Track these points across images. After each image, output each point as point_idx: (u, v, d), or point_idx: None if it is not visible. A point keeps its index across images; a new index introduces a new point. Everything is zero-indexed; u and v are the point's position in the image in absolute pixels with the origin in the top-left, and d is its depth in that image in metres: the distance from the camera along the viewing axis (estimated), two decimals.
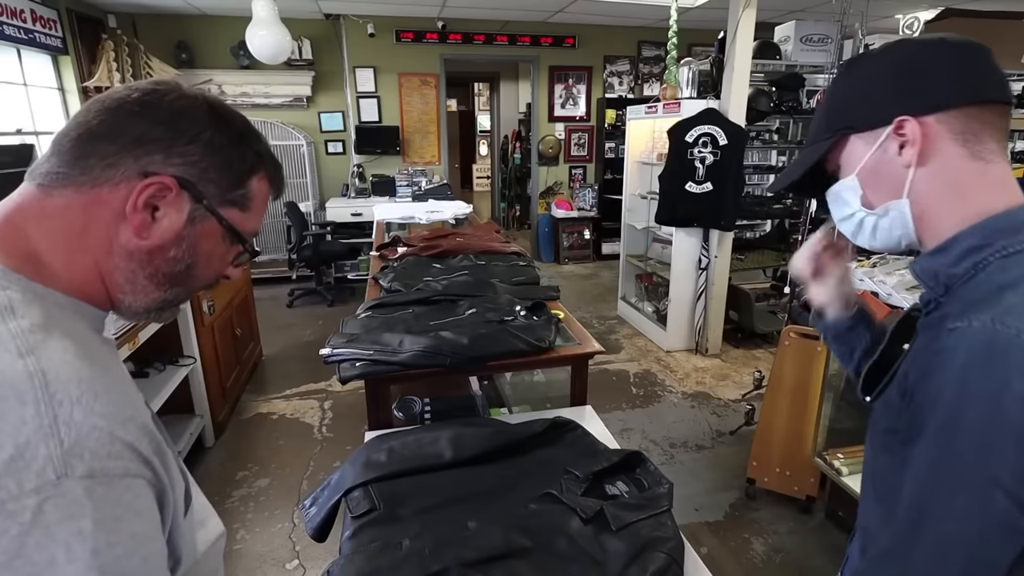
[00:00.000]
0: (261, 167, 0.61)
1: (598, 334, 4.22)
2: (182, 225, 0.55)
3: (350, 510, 1.01)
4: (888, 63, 0.64)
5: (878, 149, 0.64)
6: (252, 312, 3.67)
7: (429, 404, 1.61)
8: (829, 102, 0.71)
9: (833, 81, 0.72)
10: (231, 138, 0.58)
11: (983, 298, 0.55)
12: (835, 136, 0.68)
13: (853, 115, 0.66)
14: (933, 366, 0.55)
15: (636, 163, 4.43)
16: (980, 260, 0.58)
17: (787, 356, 2.32)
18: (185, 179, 0.54)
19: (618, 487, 1.07)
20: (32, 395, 0.40)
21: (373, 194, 5.57)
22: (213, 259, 0.60)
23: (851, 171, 0.68)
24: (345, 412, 3.11)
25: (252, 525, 2.22)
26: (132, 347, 2.05)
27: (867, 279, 2.07)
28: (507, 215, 8.54)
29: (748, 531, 2.23)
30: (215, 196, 0.57)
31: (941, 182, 0.62)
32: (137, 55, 4.84)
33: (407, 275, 1.98)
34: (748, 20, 3.37)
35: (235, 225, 0.59)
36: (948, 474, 0.51)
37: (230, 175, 0.58)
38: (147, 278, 0.55)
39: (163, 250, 0.55)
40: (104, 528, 0.39)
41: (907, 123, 0.61)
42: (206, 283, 0.62)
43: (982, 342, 0.51)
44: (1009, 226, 0.58)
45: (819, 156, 0.70)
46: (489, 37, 5.90)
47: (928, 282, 0.64)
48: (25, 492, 0.37)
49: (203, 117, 0.56)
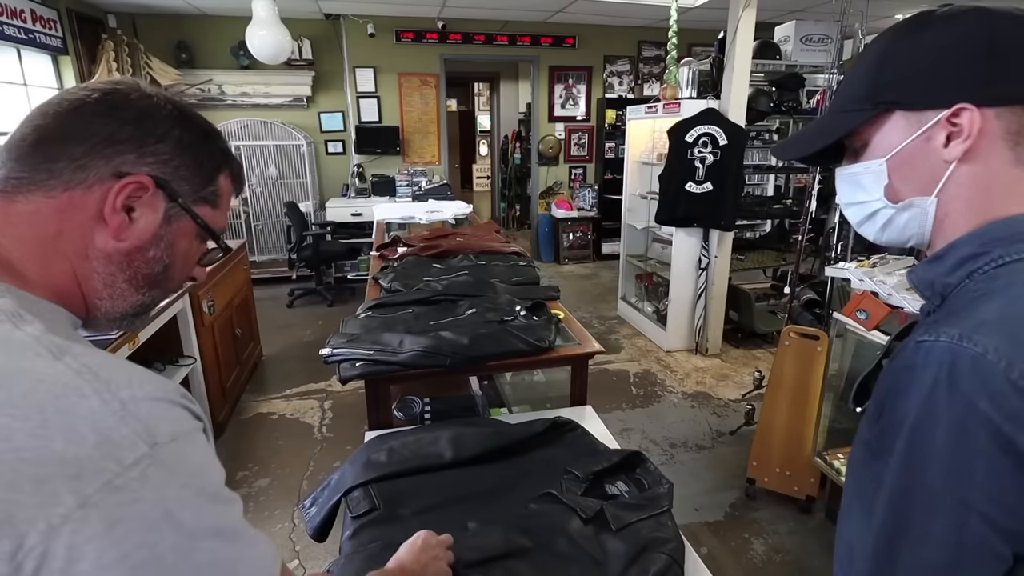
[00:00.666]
0: (226, 164, 0.62)
1: (598, 334, 4.22)
2: (158, 225, 0.55)
3: (350, 510, 1.01)
4: (961, 34, 0.54)
5: (921, 136, 0.56)
6: (252, 312, 3.67)
7: (429, 404, 1.60)
8: (877, 66, 0.58)
9: (887, 40, 0.59)
10: (198, 136, 0.58)
11: (959, 310, 0.52)
12: (876, 109, 0.58)
13: (906, 89, 0.56)
14: (901, 382, 0.52)
15: (636, 163, 4.43)
16: (975, 269, 0.54)
17: (787, 356, 2.32)
18: (160, 178, 0.54)
19: (618, 487, 1.07)
20: (90, 387, 0.41)
21: (373, 194, 5.57)
22: (188, 258, 0.60)
23: (881, 154, 0.59)
24: (345, 412, 3.11)
25: (252, 525, 2.22)
26: (132, 347, 2.05)
27: (867, 279, 2.07)
28: (507, 215, 8.54)
29: (748, 531, 2.23)
30: (188, 194, 0.57)
31: (977, 186, 0.55)
32: (137, 55, 4.84)
33: (407, 275, 1.98)
34: (748, 20, 3.37)
35: (208, 222, 0.59)
36: (921, 499, 0.49)
37: (200, 172, 0.58)
38: (126, 281, 0.55)
39: (142, 251, 0.55)
40: (200, 474, 0.45)
41: (965, 112, 0.53)
42: (179, 285, 0.62)
43: (949, 360, 0.48)
44: (1009, 235, 0.54)
45: (851, 129, 0.60)
46: (489, 37, 5.90)
47: (924, 292, 0.60)
48: (126, 467, 0.39)
49: (169, 116, 0.56)
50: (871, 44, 0.62)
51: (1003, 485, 0.46)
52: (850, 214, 0.65)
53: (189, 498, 0.43)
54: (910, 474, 0.50)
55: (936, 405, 0.48)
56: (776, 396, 2.35)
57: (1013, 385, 0.45)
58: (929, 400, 0.49)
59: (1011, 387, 0.45)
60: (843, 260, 2.91)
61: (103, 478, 0.38)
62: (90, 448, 0.39)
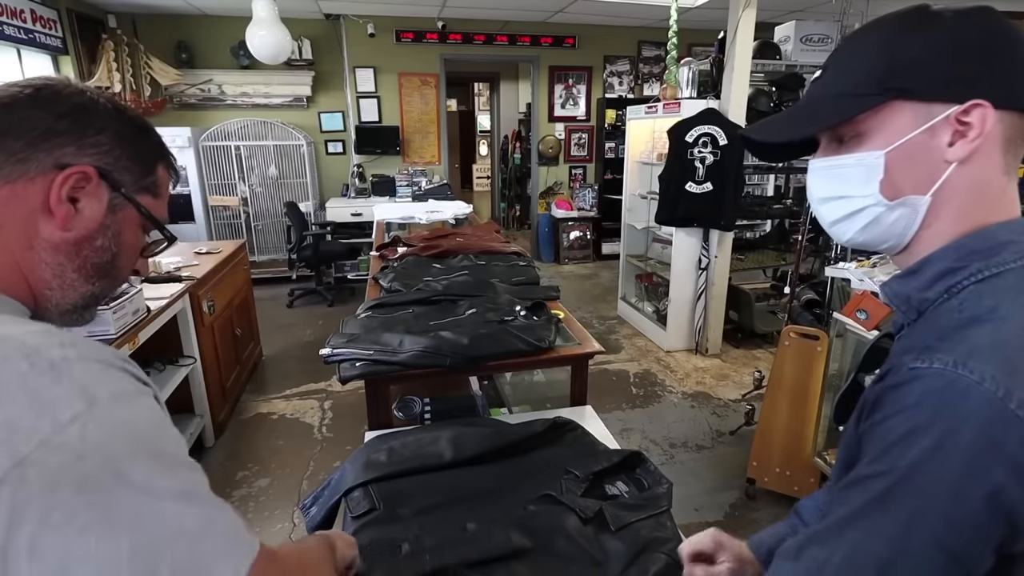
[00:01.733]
0: (163, 156, 0.63)
1: (598, 334, 4.22)
2: (104, 214, 0.56)
3: (350, 510, 1.01)
4: (979, 30, 0.52)
5: (925, 130, 0.53)
6: (252, 312, 3.67)
7: (429, 404, 1.60)
8: (886, 51, 0.54)
9: (892, 27, 0.55)
10: (135, 129, 0.59)
11: (950, 333, 0.50)
12: (885, 96, 0.54)
13: (920, 77, 0.52)
14: (886, 402, 0.50)
15: (636, 163, 4.43)
16: (954, 284, 0.53)
17: (787, 356, 2.32)
18: (103, 168, 0.55)
19: (618, 487, 1.07)
20: (16, 352, 0.42)
21: (373, 194, 5.57)
22: (133, 249, 0.62)
23: (881, 146, 0.55)
24: (345, 412, 3.11)
25: (252, 525, 2.22)
26: (132, 347, 2.05)
27: (867, 279, 2.07)
28: (507, 215, 8.54)
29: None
30: (131, 184, 0.58)
31: (971, 189, 0.53)
32: (137, 55, 4.85)
33: (407, 275, 1.98)
34: (748, 20, 3.37)
35: (151, 211, 0.61)
36: (894, 529, 0.47)
37: (140, 163, 0.59)
38: (76, 271, 0.56)
39: (90, 240, 0.56)
40: (153, 438, 0.45)
41: (978, 110, 0.51)
42: (127, 276, 0.63)
43: (940, 386, 0.46)
44: (985, 247, 0.52)
45: (853, 114, 0.55)
46: (489, 37, 5.90)
47: (900, 307, 0.59)
48: (62, 425, 0.39)
49: (104, 110, 0.57)
50: (867, 29, 0.58)
51: (983, 536, 0.45)
52: (825, 211, 0.61)
53: (143, 459, 0.42)
54: (888, 502, 0.48)
55: (918, 432, 0.47)
56: (776, 396, 2.35)
57: (1013, 415, 0.44)
58: (913, 429, 0.47)
59: (1012, 417, 0.44)
60: (843, 260, 2.91)
61: (38, 437, 0.38)
62: (23, 409, 0.39)
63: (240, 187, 5.25)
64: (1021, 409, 0.44)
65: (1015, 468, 0.44)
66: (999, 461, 0.44)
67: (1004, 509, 0.44)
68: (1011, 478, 0.44)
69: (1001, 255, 0.52)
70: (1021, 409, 0.44)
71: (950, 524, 0.45)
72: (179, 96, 5.29)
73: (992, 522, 0.45)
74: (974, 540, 0.45)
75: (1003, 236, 0.53)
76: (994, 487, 0.44)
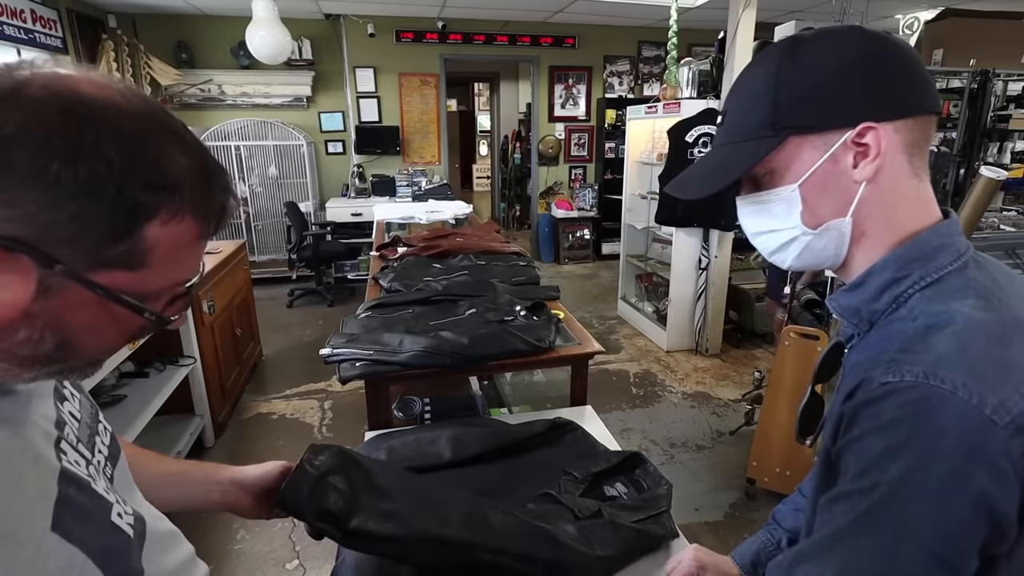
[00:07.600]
0: (166, 203, 0.42)
1: (598, 334, 4.22)
2: (28, 301, 0.40)
3: None
4: (856, 52, 0.53)
5: (828, 158, 0.55)
6: (252, 312, 3.67)
7: (429, 404, 1.60)
8: (771, 91, 0.56)
9: (768, 66, 0.57)
10: (106, 166, 0.38)
11: (911, 343, 0.51)
12: (780, 136, 0.56)
13: (809, 112, 0.55)
14: (862, 419, 0.51)
15: (636, 163, 4.43)
16: (900, 294, 0.55)
17: (787, 356, 2.32)
18: (13, 240, 0.37)
19: (617, 488, 1.07)
20: None
21: (373, 194, 5.57)
22: (102, 329, 0.45)
23: (791, 180, 0.57)
24: (345, 412, 3.11)
25: (252, 525, 2.22)
26: (132, 347, 2.05)
27: None
28: (507, 215, 8.54)
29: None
30: (80, 258, 0.40)
31: (886, 202, 0.56)
32: (137, 55, 4.84)
33: (407, 275, 1.98)
34: (748, 20, 3.37)
35: (122, 290, 0.42)
36: (884, 542, 0.48)
37: (101, 226, 0.40)
38: (5, 360, 0.42)
39: (8, 332, 0.40)
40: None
41: (870, 132, 0.53)
42: (103, 355, 0.49)
43: (915, 399, 0.47)
44: (921, 255, 0.55)
45: (757, 160, 0.57)
46: (489, 37, 5.90)
47: (851, 319, 0.60)
48: None
49: (47, 141, 0.37)
50: (747, 72, 0.60)
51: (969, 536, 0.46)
52: (761, 243, 0.63)
53: None
54: (872, 519, 0.49)
55: (896, 446, 0.47)
56: (776, 396, 2.35)
57: (989, 420, 0.45)
58: (892, 444, 0.48)
59: (988, 422, 0.45)
60: None
61: None
62: None
63: (240, 187, 5.25)
64: (996, 414, 0.45)
65: (996, 472, 0.45)
66: (981, 467, 0.45)
67: (988, 512, 0.46)
68: (993, 482, 0.45)
69: (938, 259, 0.55)
70: (996, 414, 0.45)
71: (938, 533, 0.46)
72: (179, 96, 5.29)
73: (978, 526, 0.46)
74: (962, 546, 0.47)
75: (935, 241, 0.55)
76: (978, 493, 0.45)
